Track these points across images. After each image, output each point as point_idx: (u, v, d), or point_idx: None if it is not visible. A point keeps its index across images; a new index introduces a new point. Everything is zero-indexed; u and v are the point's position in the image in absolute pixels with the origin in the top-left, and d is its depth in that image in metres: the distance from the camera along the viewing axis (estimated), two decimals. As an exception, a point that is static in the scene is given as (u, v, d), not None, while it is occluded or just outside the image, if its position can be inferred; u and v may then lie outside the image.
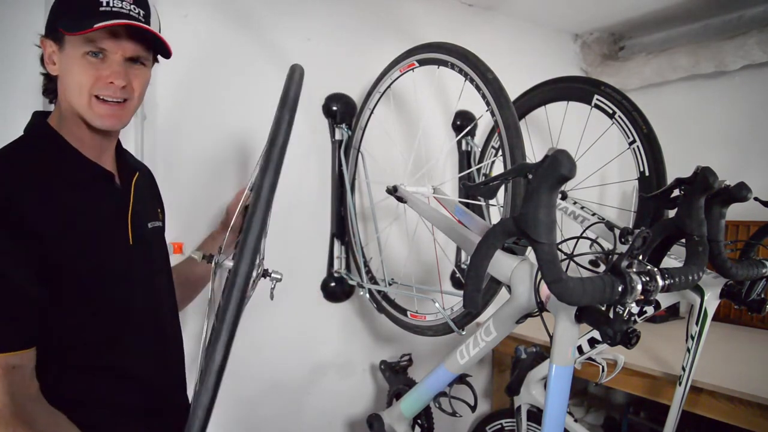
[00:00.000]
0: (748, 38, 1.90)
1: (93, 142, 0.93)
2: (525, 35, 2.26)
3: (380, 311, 1.61)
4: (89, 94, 0.87)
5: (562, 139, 1.56)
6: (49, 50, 0.90)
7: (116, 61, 0.88)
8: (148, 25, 0.87)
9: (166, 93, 1.43)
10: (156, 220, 1.09)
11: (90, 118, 0.89)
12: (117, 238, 0.95)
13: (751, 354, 1.67)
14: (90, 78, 0.86)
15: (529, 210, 0.68)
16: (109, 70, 0.87)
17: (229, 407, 1.55)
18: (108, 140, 0.97)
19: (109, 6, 0.83)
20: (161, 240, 1.12)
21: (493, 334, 1.05)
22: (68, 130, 0.92)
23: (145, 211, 1.04)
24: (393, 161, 1.71)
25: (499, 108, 1.12)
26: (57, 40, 0.88)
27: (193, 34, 1.48)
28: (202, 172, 1.51)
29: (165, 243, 1.15)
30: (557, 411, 0.84)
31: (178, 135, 1.47)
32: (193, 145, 1.50)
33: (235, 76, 1.57)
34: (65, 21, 0.84)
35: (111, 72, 0.87)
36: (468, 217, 1.24)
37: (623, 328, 0.72)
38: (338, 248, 1.76)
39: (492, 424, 1.80)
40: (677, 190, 0.96)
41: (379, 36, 1.83)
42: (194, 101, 1.49)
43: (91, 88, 0.87)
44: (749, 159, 2.08)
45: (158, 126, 1.43)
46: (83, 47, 0.85)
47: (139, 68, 0.92)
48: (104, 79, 0.87)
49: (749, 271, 1.08)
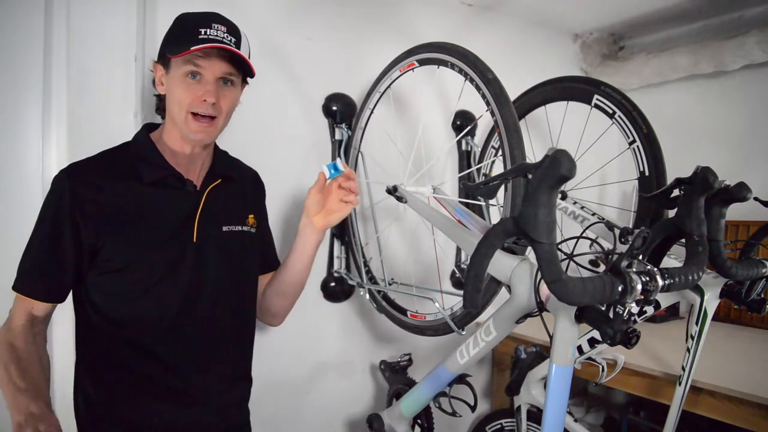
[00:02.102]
0: (748, 38, 1.90)
1: (183, 153, 1.08)
2: (525, 35, 2.26)
3: (380, 311, 1.61)
4: (187, 111, 1.02)
5: (562, 139, 1.56)
6: (159, 74, 1.06)
7: (209, 81, 1.02)
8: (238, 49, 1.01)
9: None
10: (238, 225, 1.15)
11: (185, 132, 1.04)
12: (181, 236, 1.06)
13: (751, 354, 1.67)
14: (188, 96, 1.01)
15: (529, 210, 0.68)
16: (203, 89, 1.01)
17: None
18: (198, 152, 1.10)
19: (207, 35, 0.99)
20: (241, 244, 1.15)
21: (493, 334, 1.05)
22: (165, 141, 1.08)
23: (222, 215, 1.12)
24: (393, 161, 1.71)
25: (499, 108, 1.12)
26: (165, 64, 1.03)
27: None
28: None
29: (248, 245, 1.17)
30: (557, 411, 0.84)
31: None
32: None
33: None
34: (171, 47, 1.00)
35: (204, 91, 1.01)
36: (468, 217, 1.24)
37: (623, 327, 0.72)
38: (338, 248, 1.76)
39: (492, 424, 1.81)
40: (677, 190, 0.96)
41: (379, 36, 1.83)
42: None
43: (189, 106, 1.02)
44: (749, 159, 2.08)
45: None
46: (183, 68, 1.00)
47: (228, 89, 1.05)
48: (199, 97, 1.01)
49: (749, 271, 1.09)
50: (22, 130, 1.33)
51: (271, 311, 1.28)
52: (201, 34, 0.99)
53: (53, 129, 1.32)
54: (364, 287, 1.62)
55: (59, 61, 1.30)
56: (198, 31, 0.99)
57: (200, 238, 1.07)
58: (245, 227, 1.17)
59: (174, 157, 1.08)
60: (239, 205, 1.19)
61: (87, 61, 1.33)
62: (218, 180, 1.14)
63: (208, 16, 1.02)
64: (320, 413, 1.80)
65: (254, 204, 1.25)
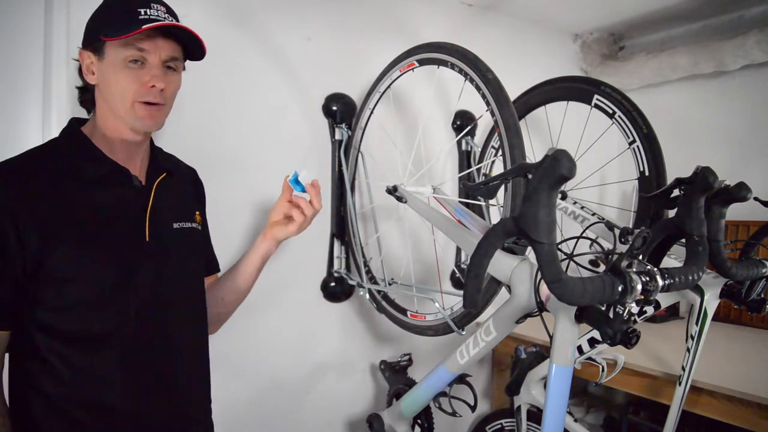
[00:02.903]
0: (748, 38, 1.90)
1: (122, 146, 0.99)
2: (525, 35, 2.26)
3: (380, 311, 1.61)
4: (133, 100, 0.94)
5: (562, 139, 1.56)
6: (87, 61, 0.96)
7: (154, 65, 0.94)
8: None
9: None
10: (187, 221, 1.10)
11: (131, 122, 0.95)
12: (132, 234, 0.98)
13: (751, 354, 1.67)
14: (133, 84, 0.93)
15: (529, 210, 0.68)
16: (149, 74, 0.94)
17: (229, 407, 1.55)
18: (137, 145, 1.01)
19: (147, 15, 0.91)
20: (190, 241, 1.10)
21: (493, 334, 1.05)
22: (100, 135, 0.98)
23: (171, 211, 1.06)
24: (393, 161, 1.70)
25: (499, 108, 1.12)
26: (96, 50, 0.94)
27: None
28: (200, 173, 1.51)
29: (197, 244, 1.13)
30: (557, 411, 0.84)
31: (176, 136, 1.46)
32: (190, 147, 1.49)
33: (234, 76, 1.57)
34: (107, 30, 0.90)
35: (151, 76, 0.94)
36: (468, 217, 1.24)
37: (623, 327, 0.72)
38: (338, 248, 1.76)
39: (492, 424, 1.81)
40: (677, 190, 0.96)
41: (379, 36, 1.83)
42: (192, 102, 1.49)
43: (135, 94, 0.94)
44: (749, 159, 2.08)
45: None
46: (123, 52, 0.92)
47: (172, 74, 0.98)
48: (146, 84, 0.94)
49: (749, 271, 1.09)
50: (22, 130, 1.33)
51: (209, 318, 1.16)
52: (141, 14, 0.90)
53: (53, 129, 1.32)
54: (364, 287, 1.62)
55: (59, 61, 1.30)
56: (137, 11, 0.90)
57: (153, 236, 0.99)
58: (194, 224, 1.11)
59: (112, 151, 0.98)
60: (185, 201, 1.13)
61: (87, 61, 1.33)
62: (163, 174, 1.06)
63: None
64: (320, 413, 1.80)
65: (197, 201, 1.19)
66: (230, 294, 1.20)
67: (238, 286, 1.19)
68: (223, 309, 1.21)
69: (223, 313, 1.22)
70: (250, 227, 1.59)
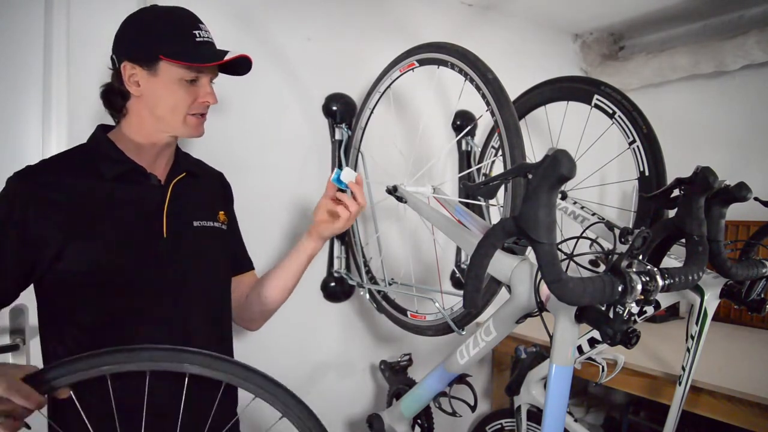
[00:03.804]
0: (748, 38, 1.90)
1: (151, 150, 1.05)
2: (525, 35, 2.26)
3: (380, 311, 1.61)
4: (185, 113, 1.01)
5: (562, 139, 1.56)
6: (131, 72, 0.98)
7: (205, 84, 1.03)
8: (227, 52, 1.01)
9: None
10: (209, 221, 1.13)
11: (183, 132, 1.04)
12: (149, 229, 1.02)
13: (751, 354, 1.67)
14: (188, 100, 1.01)
15: (529, 210, 0.67)
16: (203, 92, 1.02)
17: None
18: (164, 147, 1.07)
19: (201, 37, 0.99)
20: (212, 239, 1.12)
21: (493, 334, 1.05)
22: (128, 139, 1.04)
23: (192, 209, 1.09)
24: (393, 161, 1.71)
25: (499, 108, 1.12)
26: (148, 65, 0.97)
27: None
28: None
29: (221, 242, 1.15)
30: (557, 411, 0.84)
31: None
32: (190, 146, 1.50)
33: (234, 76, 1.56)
34: (167, 50, 0.96)
35: (205, 94, 1.03)
36: (468, 217, 1.24)
37: (623, 328, 0.72)
38: (338, 248, 1.76)
39: (492, 424, 1.81)
40: (677, 190, 0.96)
41: (379, 36, 1.83)
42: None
43: (188, 109, 1.01)
44: (749, 159, 2.08)
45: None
46: (183, 73, 0.98)
47: (213, 88, 1.07)
48: (200, 99, 1.02)
49: (749, 271, 1.08)
50: (22, 130, 1.33)
51: (251, 316, 1.24)
52: (197, 37, 0.98)
53: (53, 129, 1.32)
54: (364, 287, 1.62)
55: (59, 61, 1.30)
56: (193, 34, 0.97)
57: (170, 233, 1.03)
58: (216, 223, 1.14)
59: (138, 154, 1.04)
60: (208, 201, 1.16)
61: (87, 61, 1.33)
62: (182, 174, 1.10)
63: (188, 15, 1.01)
64: (320, 413, 1.78)
65: (223, 202, 1.22)
66: (277, 292, 1.23)
67: (286, 284, 1.23)
68: (268, 306, 1.24)
69: (267, 310, 1.26)
70: (249, 226, 1.59)
